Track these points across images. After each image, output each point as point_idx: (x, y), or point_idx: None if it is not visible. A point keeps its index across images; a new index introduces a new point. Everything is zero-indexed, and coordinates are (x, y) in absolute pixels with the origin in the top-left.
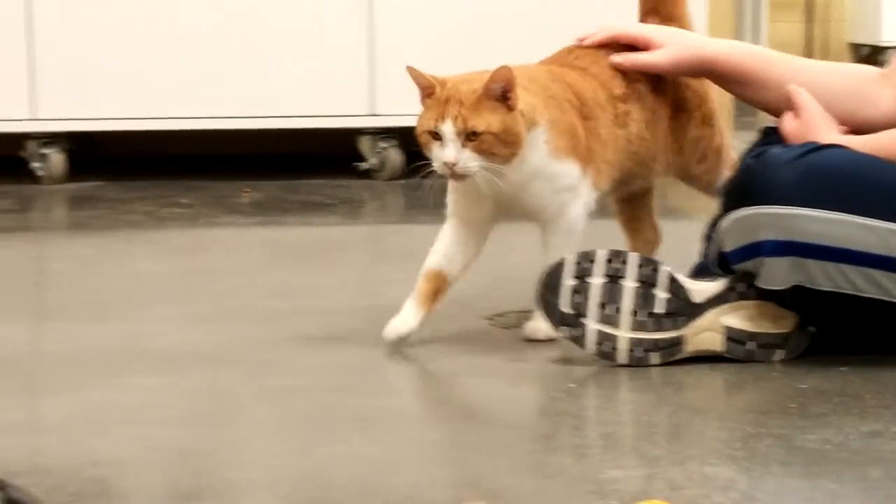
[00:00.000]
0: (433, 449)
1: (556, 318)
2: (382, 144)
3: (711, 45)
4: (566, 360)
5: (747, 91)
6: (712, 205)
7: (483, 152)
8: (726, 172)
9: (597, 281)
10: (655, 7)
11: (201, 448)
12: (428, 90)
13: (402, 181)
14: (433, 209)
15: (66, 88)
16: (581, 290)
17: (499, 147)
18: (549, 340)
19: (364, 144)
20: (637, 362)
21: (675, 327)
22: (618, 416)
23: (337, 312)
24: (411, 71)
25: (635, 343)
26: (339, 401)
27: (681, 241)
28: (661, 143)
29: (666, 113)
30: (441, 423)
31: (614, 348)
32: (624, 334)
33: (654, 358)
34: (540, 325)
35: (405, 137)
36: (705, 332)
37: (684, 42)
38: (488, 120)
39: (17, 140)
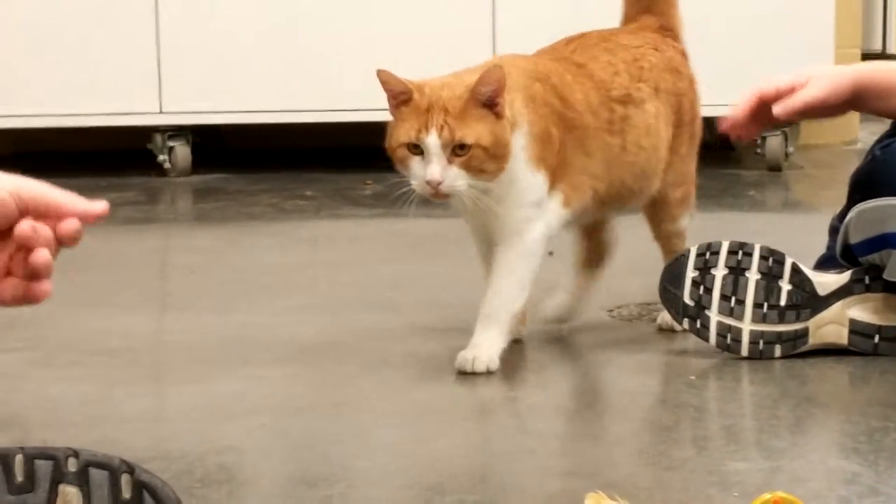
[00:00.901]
0: (553, 439)
1: (679, 310)
2: None
3: (851, 67)
4: (687, 352)
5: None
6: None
7: (472, 168)
8: (689, 213)
9: (720, 273)
10: (649, 7)
11: (324, 437)
12: (403, 96)
13: None
14: None
15: (191, 82)
16: (704, 281)
17: (488, 162)
18: (677, 332)
19: None
20: (759, 355)
21: (799, 320)
22: (740, 408)
23: (457, 304)
24: (381, 74)
25: (758, 335)
26: (460, 391)
27: (805, 234)
28: (662, 156)
29: (669, 121)
30: (561, 413)
31: (737, 340)
32: (747, 326)
33: (777, 350)
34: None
35: None
36: (829, 325)
37: (829, 70)
38: (478, 131)
39: (144, 133)
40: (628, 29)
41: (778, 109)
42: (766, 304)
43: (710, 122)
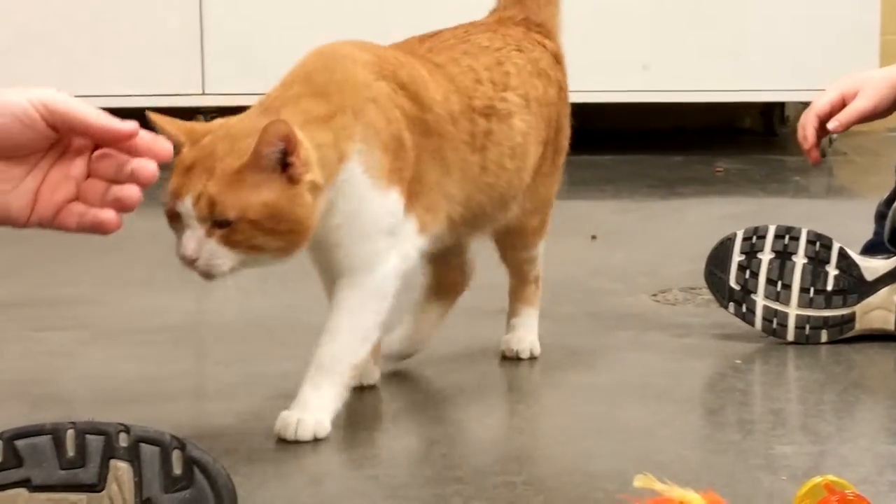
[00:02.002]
0: (600, 421)
1: (724, 294)
2: None
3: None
4: (732, 337)
5: None
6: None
7: (238, 246)
8: (544, 239)
9: (766, 257)
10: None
11: (367, 418)
12: (175, 143)
13: (567, 157)
14: (597, 185)
15: (233, 64)
16: (750, 265)
17: (265, 238)
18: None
19: None
20: (805, 339)
21: (846, 305)
22: (786, 392)
23: (500, 286)
24: (154, 119)
25: (804, 320)
26: (506, 373)
27: (849, 219)
28: (525, 179)
29: (540, 138)
30: (607, 396)
31: (782, 325)
32: (793, 311)
33: (823, 335)
34: None
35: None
36: (876, 310)
37: (875, 77)
38: (247, 201)
39: (187, 115)
40: (485, 24)
41: (833, 125)
42: (812, 289)
43: (752, 107)
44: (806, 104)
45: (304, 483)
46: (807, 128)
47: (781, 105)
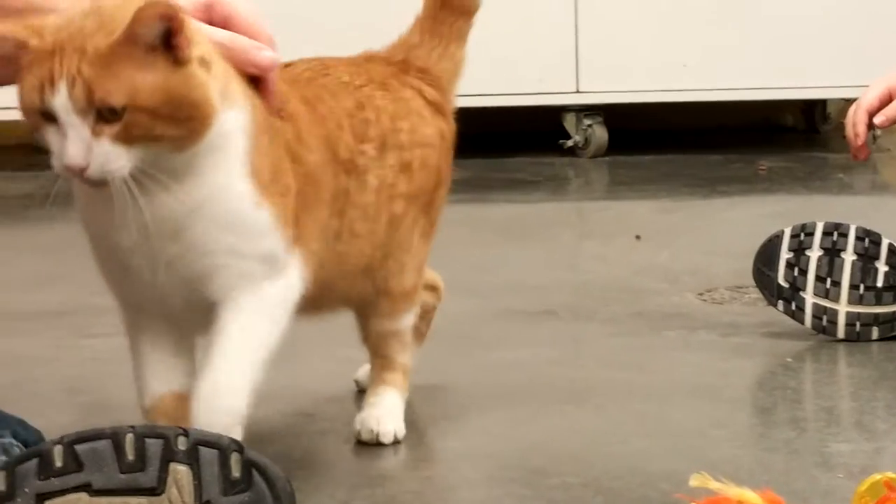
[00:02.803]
0: (653, 421)
1: (773, 292)
2: (587, 121)
3: None
4: (782, 335)
5: None
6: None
7: (135, 140)
8: (415, 308)
9: (815, 254)
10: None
11: (421, 419)
12: (18, 45)
13: (607, 158)
14: (638, 185)
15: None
16: (798, 263)
17: (164, 127)
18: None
19: (569, 121)
20: (856, 337)
21: None
22: (838, 390)
23: (546, 287)
24: None
25: (854, 317)
26: (556, 373)
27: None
28: (379, 243)
29: (398, 193)
30: (659, 396)
31: (832, 322)
32: (843, 308)
33: (874, 332)
34: None
35: (610, 114)
36: None
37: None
38: (132, 83)
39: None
40: (349, 59)
41: (879, 120)
42: (862, 286)
43: (793, 105)
44: (849, 101)
45: (360, 485)
46: (857, 125)
47: (823, 102)
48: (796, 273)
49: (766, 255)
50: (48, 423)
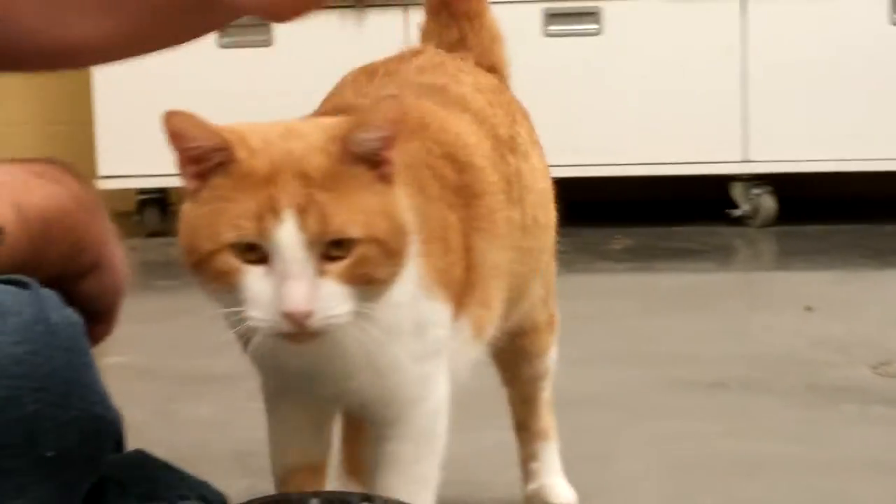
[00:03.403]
0: (831, 497)
1: None
2: (755, 191)
3: None
4: None
5: None
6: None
7: (358, 281)
8: (553, 349)
9: None
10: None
11: (588, 488)
12: (216, 156)
13: (776, 228)
14: (808, 255)
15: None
16: None
17: (382, 266)
18: None
19: (737, 191)
20: None
21: None
22: None
23: (716, 359)
24: (172, 119)
25: None
26: (727, 446)
27: None
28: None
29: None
30: (839, 471)
31: None
32: None
33: None
34: None
35: (779, 184)
36: None
37: None
38: (367, 210)
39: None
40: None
41: None
42: None
43: None
44: None
45: None
46: None
47: None
48: None
49: None
50: (224, 487)
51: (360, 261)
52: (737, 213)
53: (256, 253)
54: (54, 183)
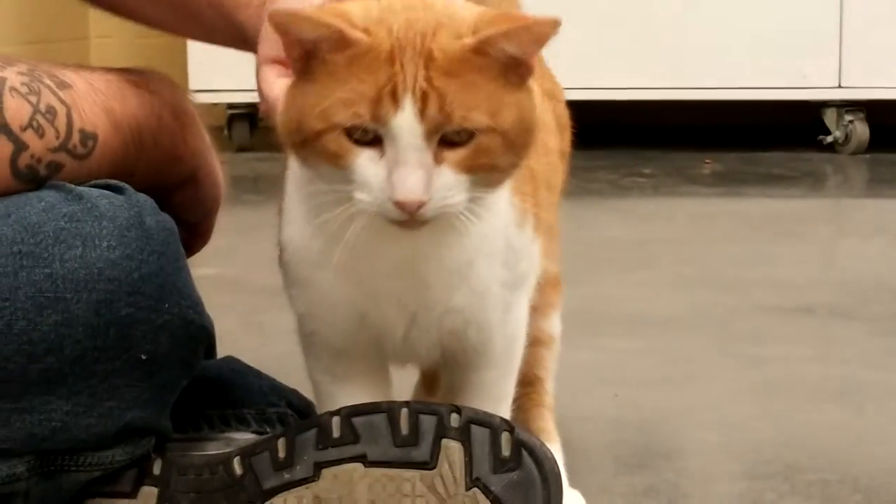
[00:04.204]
0: None
1: None
2: (848, 117)
3: None
4: None
5: None
6: None
7: (478, 170)
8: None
9: None
10: None
11: (676, 410)
12: (328, 42)
13: (867, 155)
14: None
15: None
16: None
17: (504, 156)
18: None
19: (829, 117)
20: None
21: None
22: None
23: (803, 284)
24: (276, 17)
25: None
26: (813, 371)
27: None
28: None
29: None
30: None
31: None
32: None
33: None
34: None
35: (872, 110)
36: None
37: None
38: (497, 99)
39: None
40: None
41: None
42: None
43: None
44: None
45: (618, 472)
46: None
47: None
48: None
49: None
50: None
51: (481, 150)
52: (828, 139)
53: (370, 134)
54: (150, 93)
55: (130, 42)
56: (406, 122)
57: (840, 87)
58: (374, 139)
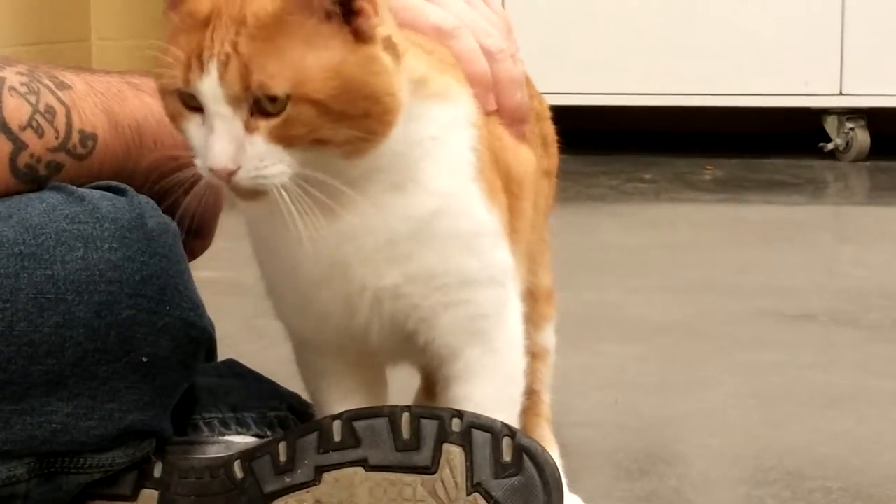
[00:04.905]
0: None
1: None
2: (849, 125)
3: None
4: None
5: None
6: None
7: (296, 142)
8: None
9: None
10: None
11: (677, 415)
12: (171, 3)
13: (868, 162)
14: None
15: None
16: None
17: (332, 127)
18: None
19: (830, 124)
20: None
21: None
22: None
23: (803, 291)
24: None
25: None
26: (815, 378)
27: None
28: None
29: (544, 171)
30: None
31: None
32: None
33: None
34: None
35: (873, 118)
36: None
37: None
38: (300, 66)
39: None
40: None
41: None
42: None
43: None
44: None
45: (618, 478)
46: None
47: None
48: None
49: None
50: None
51: (289, 121)
52: (829, 146)
53: (195, 99)
54: (151, 95)
55: (131, 45)
56: (209, 88)
57: (841, 94)
58: (194, 104)
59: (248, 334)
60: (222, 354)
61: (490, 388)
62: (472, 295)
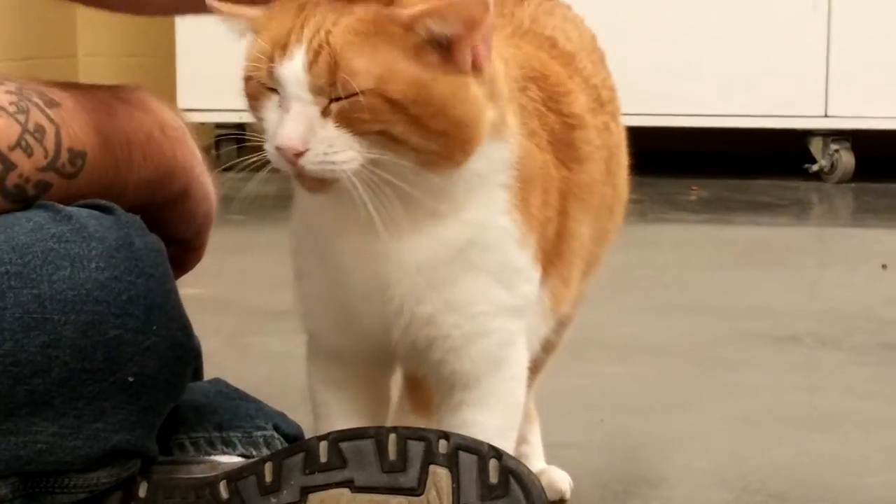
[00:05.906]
0: None
1: None
2: (834, 146)
3: None
4: None
5: None
6: None
7: (365, 130)
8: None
9: None
10: None
11: (663, 437)
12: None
13: (853, 184)
14: (885, 213)
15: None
16: None
17: (405, 129)
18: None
19: (815, 146)
20: None
21: None
22: None
23: (789, 313)
24: (214, 5)
25: None
26: (800, 400)
27: None
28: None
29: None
30: None
31: None
32: None
33: None
34: None
35: (858, 140)
36: None
37: None
38: (388, 66)
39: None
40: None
41: None
42: None
43: None
44: None
45: (604, 500)
46: None
47: None
48: None
49: None
50: (302, 419)
51: (358, 106)
52: (814, 168)
53: (273, 82)
54: (140, 110)
55: (119, 60)
56: (291, 73)
57: (826, 116)
58: (272, 90)
59: (234, 352)
60: (207, 372)
61: (500, 417)
62: (503, 324)
